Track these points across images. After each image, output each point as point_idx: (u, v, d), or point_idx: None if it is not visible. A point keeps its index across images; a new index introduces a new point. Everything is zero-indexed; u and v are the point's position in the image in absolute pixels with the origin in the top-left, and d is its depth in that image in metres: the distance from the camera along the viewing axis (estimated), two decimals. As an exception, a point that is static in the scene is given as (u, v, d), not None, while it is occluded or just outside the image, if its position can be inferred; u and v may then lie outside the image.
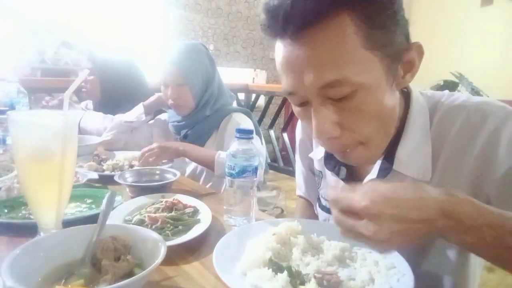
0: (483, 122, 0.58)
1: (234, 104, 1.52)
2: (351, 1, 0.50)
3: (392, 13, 0.53)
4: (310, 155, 0.83)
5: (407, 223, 0.45)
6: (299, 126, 0.92)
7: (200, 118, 1.38)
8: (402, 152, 0.62)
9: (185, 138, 1.41)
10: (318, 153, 0.80)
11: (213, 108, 1.39)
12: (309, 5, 0.49)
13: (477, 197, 0.56)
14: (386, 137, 0.61)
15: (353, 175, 0.72)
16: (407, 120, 0.63)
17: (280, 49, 0.55)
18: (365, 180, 0.68)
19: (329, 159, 0.74)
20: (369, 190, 0.47)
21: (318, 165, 0.83)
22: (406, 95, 0.66)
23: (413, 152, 0.62)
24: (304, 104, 0.58)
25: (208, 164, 1.23)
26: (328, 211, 0.81)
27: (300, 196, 1.01)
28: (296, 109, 0.61)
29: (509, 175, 0.56)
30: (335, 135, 0.55)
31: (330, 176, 0.78)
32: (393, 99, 0.57)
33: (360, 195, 0.47)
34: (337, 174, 0.72)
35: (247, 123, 1.38)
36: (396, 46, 0.54)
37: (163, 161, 1.27)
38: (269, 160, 1.55)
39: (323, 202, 0.82)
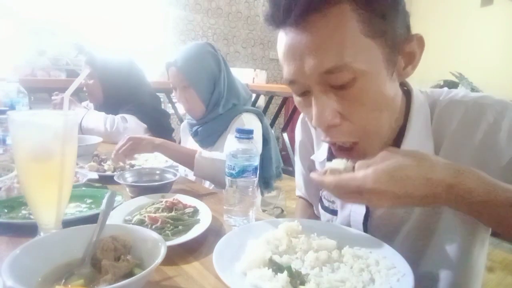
0: (482, 115, 0.60)
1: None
2: None
3: (393, 2, 0.54)
4: (312, 157, 0.83)
5: (410, 198, 0.48)
6: (298, 127, 0.91)
7: (212, 117, 1.36)
8: (406, 148, 0.62)
9: (195, 135, 1.40)
10: (320, 155, 0.79)
11: (225, 107, 1.36)
12: None
13: None
14: (384, 133, 0.61)
15: None
16: (409, 118, 0.63)
17: (283, 38, 0.55)
18: None
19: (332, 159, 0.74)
20: (371, 171, 0.48)
21: (320, 167, 0.82)
22: (407, 94, 0.66)
23: (416, 148, 0.62)
24: (305, 93, 0.58)
25: (187, 163, 1.18)
26: (331, 212, 0.80)
27: (300, 197, 1.01)
28: (296, 99, 0.61)
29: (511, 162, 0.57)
30: (335, 122, 0.55)
31: None
32: (393, 90, 0.57)
33: (362, 176, 0.48)
34: None
35: (253, 124, 1.34)
36: (396, 35, 0.54)
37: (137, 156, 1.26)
38: (282, 165, 1.45)
39: (326, 203, 0.82)
